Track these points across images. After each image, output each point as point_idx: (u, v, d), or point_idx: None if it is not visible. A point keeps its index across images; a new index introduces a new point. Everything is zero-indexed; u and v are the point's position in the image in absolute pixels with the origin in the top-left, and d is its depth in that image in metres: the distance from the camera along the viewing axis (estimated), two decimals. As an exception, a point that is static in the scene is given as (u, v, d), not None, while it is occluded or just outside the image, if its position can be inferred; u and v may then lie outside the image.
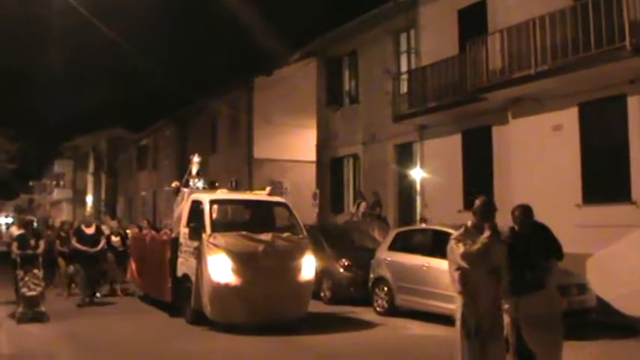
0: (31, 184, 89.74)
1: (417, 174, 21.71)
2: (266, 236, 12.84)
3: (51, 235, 18.55)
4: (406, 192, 22.59)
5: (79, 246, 16.44)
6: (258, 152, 31.09)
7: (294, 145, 29.75)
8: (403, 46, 23.33)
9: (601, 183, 15.25)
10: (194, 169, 16.31)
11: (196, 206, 13.85)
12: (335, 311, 15.41)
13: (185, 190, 15.54)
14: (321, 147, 27.17)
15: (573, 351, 10.79)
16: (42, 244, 14.93)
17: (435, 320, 13.33)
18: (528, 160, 16.84)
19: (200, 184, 15.98)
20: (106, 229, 18.75)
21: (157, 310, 15.26)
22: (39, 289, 13.61)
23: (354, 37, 25.00)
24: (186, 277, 13.52)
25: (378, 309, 15.02)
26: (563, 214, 15.26)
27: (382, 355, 11.12)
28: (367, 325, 13.69)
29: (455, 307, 7.20)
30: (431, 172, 20.87)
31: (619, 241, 13.32)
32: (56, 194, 79.01)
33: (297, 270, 12.94)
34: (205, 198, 13.79)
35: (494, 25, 17.79)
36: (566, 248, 7.59)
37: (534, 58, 15.76)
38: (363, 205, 21.81)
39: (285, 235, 13.29)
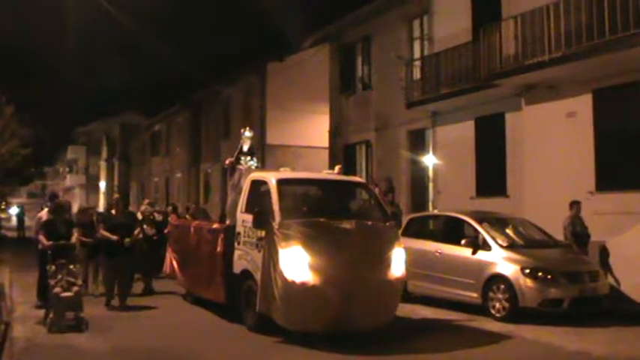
0: (44, 170, 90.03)
1: (429, 160, 21.66)
2: (349, 224, 10.64)
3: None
4: (419, 178, 22.55)
5: (107, 234, 13.54)
6: (271, 138, 31.17)
7: (307, 131, 29.81)
8: (416, 33, 23.22)
9: (615, 170, 15.17)
10: (245, 146, 14.22)
11: (257, 188, 11.77)
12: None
13: (241, 168, 13.68)
14: (334, 133, 27.14)
15: (585, 338, 10.85)
16: (75, 232, 12.69)
17: (448, 307, 13.41)
18: (542, 146, 16.76)
19: (253, 162, 14.02)
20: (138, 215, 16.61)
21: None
22: (75, 288, 11.13)
23: (368, 23, 24.91)
24: (246, 274, 11.30)
25: (390, 295, 15.01)
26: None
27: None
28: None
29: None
30: (443, 159, 20.81)
31: (632, 229, 13.38)
32: (69, 180, 79.59)
33: (387, 265, 10.67)
34: (271, 178, 11.45)
35: (508, 11, 17.65)
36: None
37: (548, 44, 15.66)
38: (376, 191, 21.72)
39: (370, 222, 11.23)
